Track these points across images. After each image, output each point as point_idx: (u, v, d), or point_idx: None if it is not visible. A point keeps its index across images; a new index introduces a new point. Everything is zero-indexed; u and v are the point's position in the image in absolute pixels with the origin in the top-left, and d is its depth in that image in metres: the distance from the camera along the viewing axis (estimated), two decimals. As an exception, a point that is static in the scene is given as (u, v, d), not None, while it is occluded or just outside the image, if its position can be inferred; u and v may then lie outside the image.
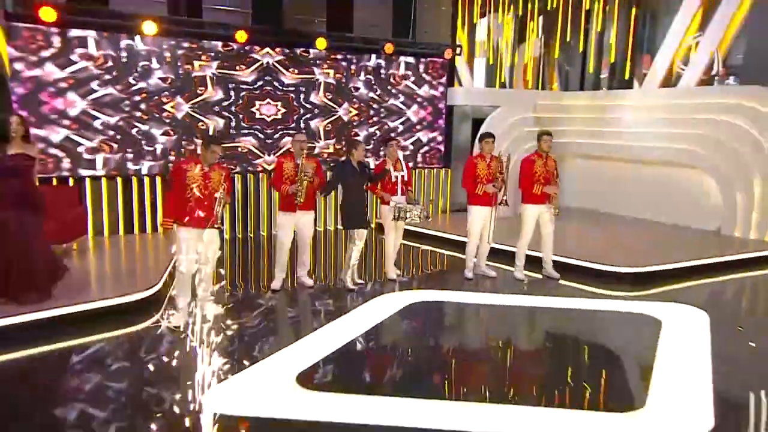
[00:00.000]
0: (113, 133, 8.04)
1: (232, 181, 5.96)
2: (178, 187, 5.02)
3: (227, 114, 8.84)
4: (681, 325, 5.27)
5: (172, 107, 8.39)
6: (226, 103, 8.79)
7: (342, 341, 4.80)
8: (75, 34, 7.58)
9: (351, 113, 9.84)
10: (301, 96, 9.35)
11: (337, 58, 9.56)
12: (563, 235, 6.78)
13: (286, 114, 9.28)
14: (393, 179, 6.37)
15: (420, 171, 10.47)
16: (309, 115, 9.46)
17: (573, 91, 12.09)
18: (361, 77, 9.84)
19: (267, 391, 3.90)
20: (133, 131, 8.18)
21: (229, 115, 8.86)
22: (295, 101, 9.32)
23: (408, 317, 5.62)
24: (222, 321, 5.20)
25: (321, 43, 9.16)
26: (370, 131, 10.04)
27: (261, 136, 9.15)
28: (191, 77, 8.48)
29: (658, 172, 9.74)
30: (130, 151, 8.19)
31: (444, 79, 10.63)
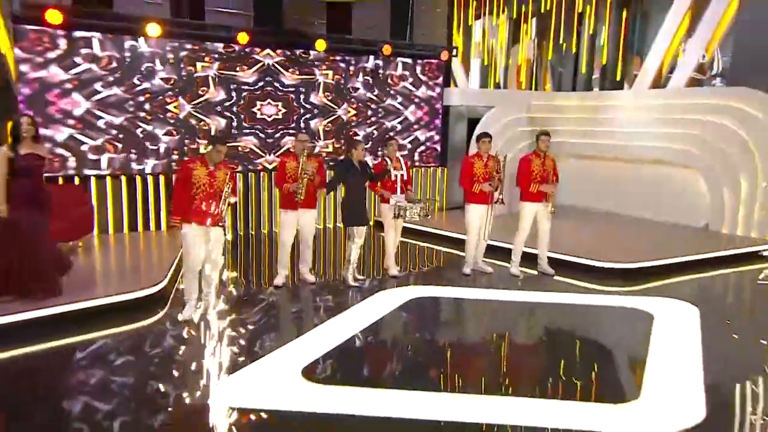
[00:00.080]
0: (118, 133, 8.04)
1: (236, 180, 5.99)
2: (184, 187, 5.05)
3: (229, 114, 8.85)
4: (672, 319, 5.33)
5: (175, 107, 8.39)
6: (227, 104, 8.80)
7: (345, 336, 4.84)
8: (80, 36, 7.58)
9: (350, 113, 9.87)
10: (301, 96, 9.36)
11: (336, 59, 9.59)
12: (557, 233, 6.83)
13: (286, 114, 9.29)
14: (393, 178, 6.39)
15: (417, 170, 10.51)
16: (309, 115, 9.48)
17: (565, 92, 12.15)
18: (360, 78, 9.87)
19: (274, 384, 3.94)
20: (138, 131, 8.17)
21: (231, 115, 8.87)
22: (295, 101, 9.33)
23: (408, 312, 5.66)
24: (227, 316, 5.24)
25: (320, 45, 9.18)
26: (368, 131, 10.07)
27: (262, 135, 9.16)
28: (194, 78, 8.48)
29: (648, 170, 9.80)
30: (134, 151, 8.19)
31: (440, 80, 10.68)
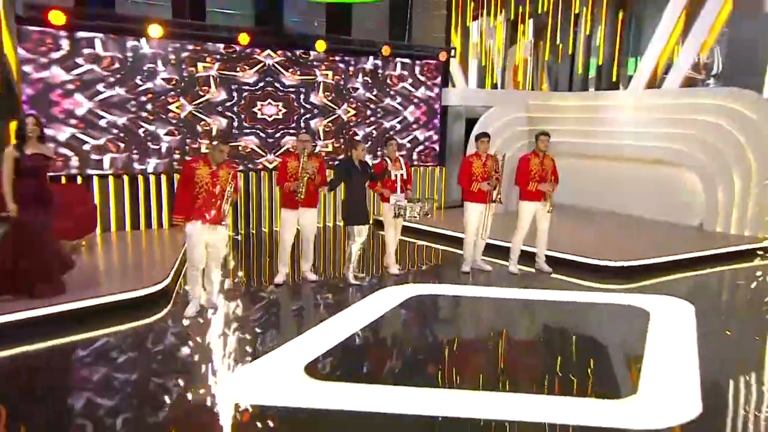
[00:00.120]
0: (120, 133, 8.04)
1: (237, 180, 6.00)
2: (187, 186, 5.06)
3: (230, 114, 8.85)
4: (668, 316, 5.36)
5: (177, 107, 8.39)
6: (228, 104, 8.81)
7: (346, 333, 4.85)
8: (83, 36, 7.57)
9: (349, 113, 9.88)
10: (302, 96, 9.37)
11: (336, 59, 9.60)
12: (554, 231, 6.83)
13: (286, 114, 9.30)
14: (393, 178, 6.40)
15: (416, 169, 10.53)
16: (309, 115, 9.49)
17: (562, 92, 12.18)
18: (359, 78, 9.88)
19: (277, 381, 3.96)
20: (140, 131, 8.18)
21: (232, 115, 8.87)
22: (296, 101, 9.34)
23: (408, 310, 5.68)
24: (230, 314, 5.25)
25: (320, 46, 9.19)
26: (367, 131, 10.08)
27: (262, 135, 9.17)
28: (195, 78, 8.48)
29: (643, 170, 9.81)
30: (135, 151, 8.19)
31: (438, 80, 10.69)
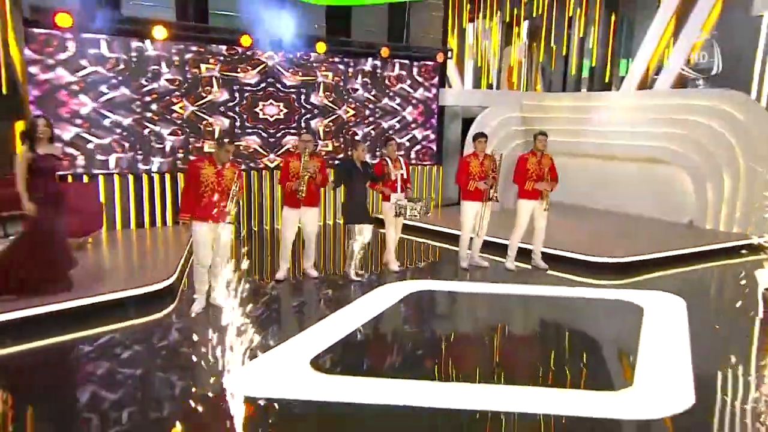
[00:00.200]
0: (125, 133, 8.05)
1: (242, 178, 6.02)
2: (192, 185, 5.08)
3: (232, 114, 8.86)
4: (661, 311, 5.41)
5: (180, 108, 8.40)
6: (231, 104, 8.82)
7: (350, 328, 4.89)
8: (88, 38, 7.57)
9: (348, 113, 9.90)
10: (302, 97, 9.39)
11: (335, 61, 9.61)
12: (549, 229, 6.87)
13: (287, 114, 9.31)
14: (393, 177, 6.44)
15: (413, 168, 10.56)
16: (309, 115, 9.51)
17: (556, 93, 12.23)
18: (359, 79, 9.90)
19: (284, 375, 3.99)
20: (145, 131, 8.19)
21: (234, 115, 8.88)
22: (296, 102, 9.36)
23: (409, 306, 5.72)
24: (236, 310, 5.27)
25: (321, 47, 9.20)
26: (365, 131, 10.11)
27: (264, 135, 9.18)
28: (198, 79, 8.49)
29: (635, 169, 9.87)
30: (140, 151, 8.19)
31: (436, 81, 10.72)
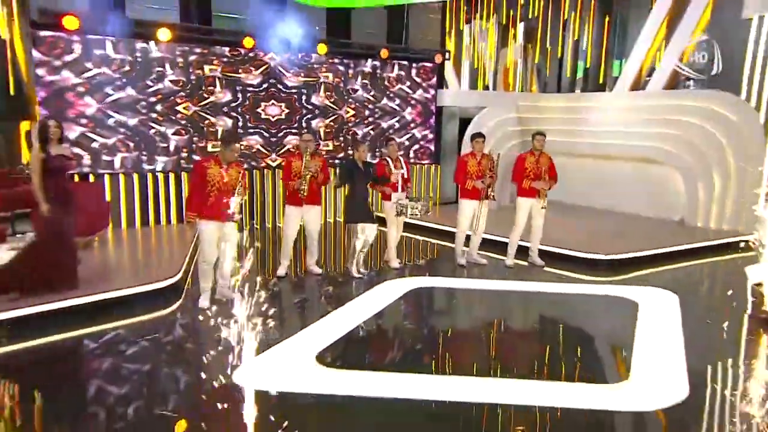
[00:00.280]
0: (131, 133, 8.06)
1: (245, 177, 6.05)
2: (199, 184, 5.09)
3: (235, 114, 8.88)
4: (655, 306, 5.47)
5: (184, 108, 8.41)
6: (234, 104, 8.84)
7: (353, 324, 4.93)
8: (95, 40, 7.57)
9: (348, 113, 9.93)
10: (303, 97, 9.41)
11: (336, 62, 9.63)
12: (545, 227, 6.92)
13: (289, 114, 9.34)
14: (394, 177, 6.45)
15: (412, 167, 10.59)
16: (310, 116, 9.53)
17: (550, 93, 12.27)
18: (359, 80, 9.92)
19: (291, 369, 4.02)
20: (151, 132, 8.20)
21: (237, 116, 8.90)
22: (298, 102, 9.38)
23: (410, 302, 5.76)
24: (241, 305, 5.29)
25: (322, 49, 9.23)
26: (365, 130, 10.13)
27: (266, 135, 9.20)
28: (202, 80, 8.50)
29: (628, 168, 9.92)
30: (144, 151, 8.21)
31: (434, 81, 10.75)
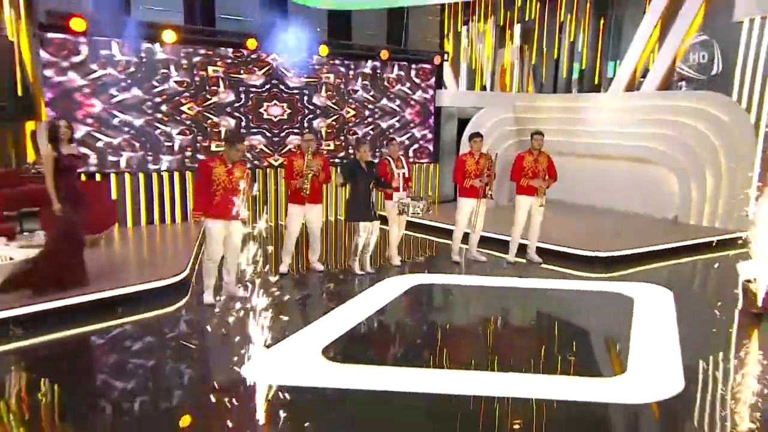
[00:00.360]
0: (135, 132, 8.07)
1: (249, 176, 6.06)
2: (204, 184, 5.10)
3: (238, 114, 8.89)
4: (650, 302, 5.52)
5: (189, 108, 8.42)
6: (237, 105, 8.85)
7: (357, 319, 4.97)
8: (101, 41, 7.58)
9: (349, 114, 9.95)
10: (305, 98, 9.43)
11: (337, 63, 9.65)
12: (543, 225, 6.95)
13: (291, 114, 9.35)
14: (395, 177, 6.47)
15: (411, 166, 10.58)
16: (312, 116, 9.55)
17: (547, 94, 12.31)
18: (359, 81, 9.94)
19: (297, 363, 4.06)
20: (156, 132, 8.22)
21: (240, 116, 8.91)
22: (300, 102, 9.40)
23: (412, 298, 5.80)
24: (247, 300, 5.31)
25: (323, 50, 9.25)
26: (365, 130, 10.16)
27: (268, 135, 9.22)
28: (206, 81, 8.51)
29: (623, 167, 9.93)
30: (150, 150, 8.22)
31: (432, 82, 10.77)
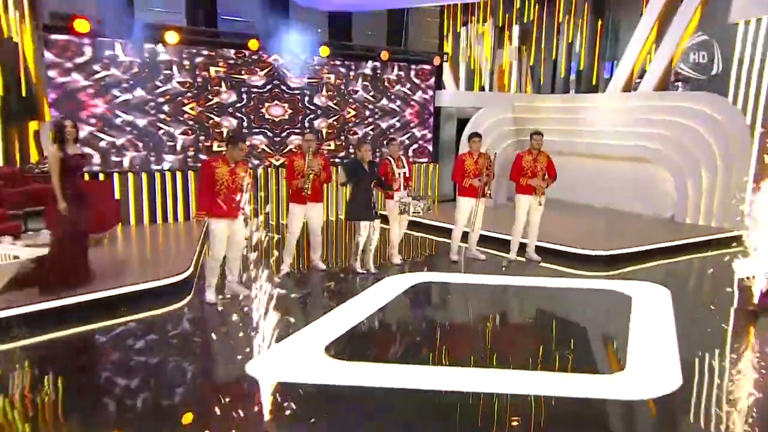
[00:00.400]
0: (138, 132, 8.09)
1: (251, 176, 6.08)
2: (208, 184, 5.11)
3: (239, 115, 8.91)
4: (648, 300, 5.54)
5: (191, 109, 8.44)
6: (238, 105, 8.86)
7: (360, 317, 4.98)
8: (105, 43, 7.59)
9: (350, 114, 9.97)
10: (306, 98, 9.44)
11: (337, 64, 9.67)
12: (541, 223, 6.98)
13: (292, 115, 9.37)
14: (396, 176, 6.51)
15: (411, 166, 10.61)
16: (313, 116, 9.57)
17: (545, 94, 12.33)
18: (359, 81, 9.96)
19: (301, 361, 4.08)
20: (159, 132, 8.24)
21: (241, 116, 8.93)
22: (301, 103, 9.41)
23: (414, 296, 5.83)
24: (250, 298, 5.33)
25: (324, 51, 9.26)
26: (365, 130, 10.18)
27: (270, 134, 9.24)
28: (208, 81, 8.53)
29: (620, 166, 9.98)
30: (153, 150, 8.23)
31: (432, 82, 10.79)
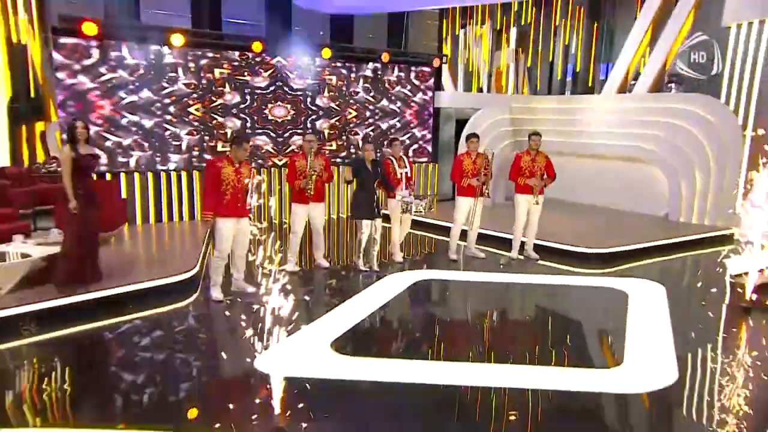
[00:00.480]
0: (144, 133, 8.11)
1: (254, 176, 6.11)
2: (213, 184, 5.12)
3: (243, 116, 8.93)
4: (644, 296, 5.60)
5: (196, 110, 8.46)
6: (242, 106, 8.89)
7: (365, 313, 5.03)
8: (112, 45, 7.61)
9: (351, 114, 10.00)
10: (308, 99, 9.47)
11: (339, 65, 9.70)
12: (540, 222, 7.03)
13: (295, 115, 9.40)
14: (398, 176, 6.55)
15: (413, 165, 10.64)
16: (315, 117, 9.60)
17: (542, 95, 12.38)
18: (360, 83, 9.99)
19: (308, 356, 4.12)
20: (166, 133, 8.26)
21: (245, 117, 8.95)
22: (303, 104, 9.44)
23: (416, 293, 5.87)
24: (256, 296, 5.37)
25: (326, 53, 9.29)
26: (366, 131, 10.21)
27: (273, 135, 9.27)
28: (212, 83, 8.55)
29: (615, 166, 10.03)
30: (158, 150, 8.25)
31: (431, 84, 10.83)
